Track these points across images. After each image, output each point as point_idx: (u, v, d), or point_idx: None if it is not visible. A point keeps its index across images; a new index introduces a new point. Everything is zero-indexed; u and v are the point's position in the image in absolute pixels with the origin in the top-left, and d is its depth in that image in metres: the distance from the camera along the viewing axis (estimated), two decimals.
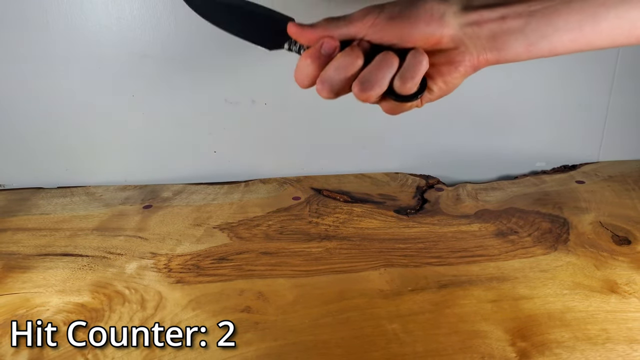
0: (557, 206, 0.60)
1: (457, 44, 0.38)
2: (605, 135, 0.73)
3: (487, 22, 0.37)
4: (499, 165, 0.73)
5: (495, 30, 0.37)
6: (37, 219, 0.61)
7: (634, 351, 0.38)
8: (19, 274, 0.50)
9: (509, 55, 0.38)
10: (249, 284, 0.48)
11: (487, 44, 0.37)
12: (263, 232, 0.57)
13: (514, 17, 0.37)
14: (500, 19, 0.37)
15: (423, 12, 0.37)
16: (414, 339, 0.40)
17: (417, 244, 0.54)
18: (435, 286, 0.47)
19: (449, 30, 0.37)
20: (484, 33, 0.37)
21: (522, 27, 0.37)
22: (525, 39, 0.37)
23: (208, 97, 0.66)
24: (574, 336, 0.40)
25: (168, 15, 0.60)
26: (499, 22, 0.37)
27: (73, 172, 0.70)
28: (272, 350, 0.40)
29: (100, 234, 0.57)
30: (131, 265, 0.51)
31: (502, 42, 0.37)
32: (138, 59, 0.62)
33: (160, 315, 0.44)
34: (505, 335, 0.41)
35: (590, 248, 0.52)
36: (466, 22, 0.37)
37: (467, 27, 0.37)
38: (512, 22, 0.37)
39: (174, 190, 0.68)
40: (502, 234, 0.55)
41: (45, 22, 0.59)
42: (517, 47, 0.37)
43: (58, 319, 0.43)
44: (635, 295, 0.45)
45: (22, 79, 0.63)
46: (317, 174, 0.72)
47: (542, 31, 0.37)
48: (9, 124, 0.66)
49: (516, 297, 0.45)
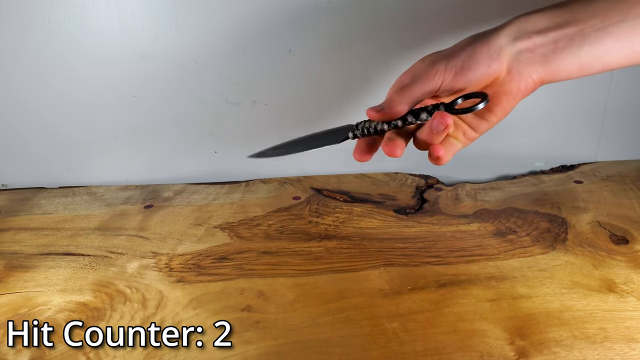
0: (556, 206, 0.60)
1: (512, 74, 0.38)
2: (603, 136, 0.73)
3: (540, 48, 0.37)
4: (498, 165, 0.73)
5: (547, 54, 0.37)
6: (39, 218, 0.61)
7: (632, 350, 0.38)
8: (21, 273, 0.50)
9: (562, 74, 0.38)
10: (250, 283, 0.48)
11: (540, 67, 0.38)
12: (263, 231, 0.57)
13: (565, 40, 0.37)
14: (552, 43, 0.37)
15: (482, 56, 0.38)
16: (413, 337, 0.40)
17: (417, 243, 0.54)
18: (435, 285, 0.47)
19: (504, 64, 0.38)
20: (536, 58, 0.38)
21: (575, 50, 0.37)
22: (578, 60, 0.37)
23: (209, 97, 0.66)
24: (572, 335, 0.40)
25: (169, 16, 0.60)
26: (551, 47, 0.37)
27: (75, 172, 0.70)
28: (273, 349, 0.40)
29: (102, 234, 0.57)
30: (132, 265, 0.51)
31: (556, 64, 0.37)
32: (139, 59, 0.62)
33: (162, 314, 0.44)
34: (504, 334, 0.41)
35: (588, 247, 0.52)
36: (520, 51, 0.38)
37: (521, 55, 0.38)
38: (564, 45, 0.37)
39: (175, 190, 0.68)
40: (500, 233, 0.55)
41: (47, 23, 0.59)
42: (570, 67, 0.37)
43: (60, 318, 0.43)
44: (633, 295, 0.45)
45: (24, 79, 0.63)
46: (317, 174, 0.72)
47: (594, 53, 0.37)
48: (11, 124, 0.66)
49: (515, 296, 0.45)
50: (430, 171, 0.72)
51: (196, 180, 0.70)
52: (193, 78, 0.64)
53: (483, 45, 0.38)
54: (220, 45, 0.62)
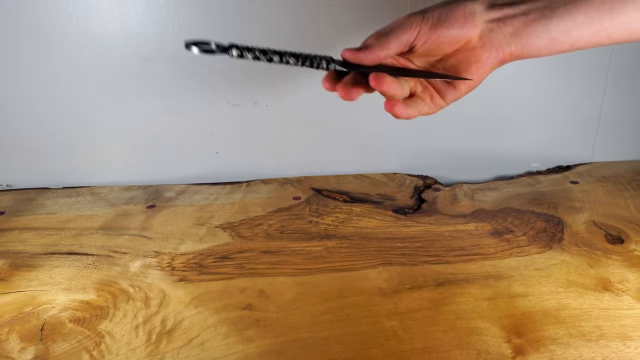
0: (552, 206, 0.60)
1: (484, 42, 0.39)
2: (599, 137, 0.73)
3: (511, 18, 0.38)
4: (495, 165, 0.73)
5: (519, 26, 0.38)
6: (43, 218, 0.61)
7: (627, 347, 0.39)
8: (25, 272, 0.50)
9: (532, 49, 0.38)
10: (251, 282, 0.48)
11: (512, 39, 0.38)
12: (264, 231, 0.57)
13: (536, 12, 0.37)
14: (523, 14, 0.38)
15: (457, 14, 0.38)
16: (411, 335, 0.40)
17: (415, 242, 0.54)
18: (433, 284, 0.47)
19: (477, 30, 0.38)
20: (507, 29, 0.38)
21: (544, 22, 0.37)
22: (548, 34, 0.37)
23: (211, 99, 0.66)
24: (568, 333, 0.40)
25: (172, 19, 0.60)
26: (522, 17, 0.38)
27: (78, 172, 0.70)
28: (273, 347, 0.40)
29: (105, 233, 0.57)
30: (135, 264, 0.51)
31: (526, 37, 0.38)
32: (142, 61, 0.62)
33: (164, 313, 0.44)
34: (501, 332, 0.41)
35: (584, 247, 0.52)
36: (491, 19, 0.38)
37: (492, 24, 0.38)
38: (535, 17, 0.37)
39: (177, 190, 0.68)
40: (498, 233, 0.55)
41: (51, 25, 0.59)
42: (540, 41, 0.38)
43: (64, 316, 0.43)
44: (628, 293, 0.45)
45: (28, 81, 0.63)
46: (317, 174, 0.72)
47: (564, 25, 0.37)
48: (15, 126, 0.66)
49: (512, 295, 0.45)
50: (429, 172, 0.72)
51: (198, 180, 0.70)
52: (195, 80, 0.64)
53: (459, 5, 0.38)
54: None
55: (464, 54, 0.39)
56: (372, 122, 0.69)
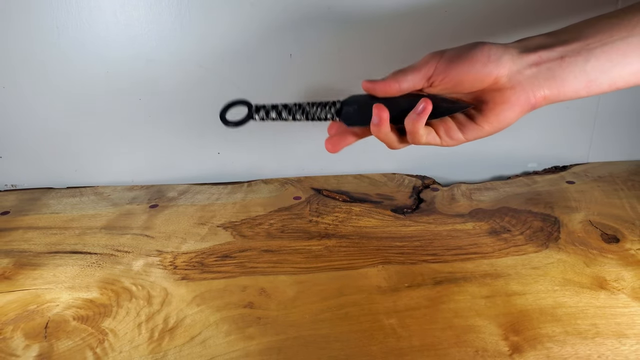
0: (549, 205, 0.60)
1: (514, 84, 0.37)
2: (595, 137, 0.73)
3: (546, 62, 0.37)
4: (492, 166, 0.73)
5: (555, 69, 0.36)
6: (48, 218, 0.61)
7: (622, 345, 0.39)
8: (30, 271, 0.50)
9: (569, 91, 0.37)
10: (252, 281, 0.48)
11: (546, 83, 0.37)
12: (265, 230, 0.57)
13: (572, 55, 0.36)
14: (559, 58, 0.36)
15: (480, 54, 0.37)
16: (410, 333, 0.40)
17: (414, 242, 0.54)
18: (431, 283, 0.47)
19: (505, 70, 0.37)
20: (542, 73, 0.37)
21: (581, 65, 0.36)
22: (585, 76, 0.36)
23: (212, 100, 0.65)
24: (564, 331, 0.40)
25: (173, 22, 0.60)
26: (558, 61, 0.36)
27: (82, 172, 0.70)
28: (274, 345, 0.40)
29: (108, 233, 0.57)
30: (138, 263, 0.51)
31: (562, 81, 0.36)
32: (145, 63, 0.62)
33: (166, 311, 0.44)
34: (498, 329, 0.41)
35: (580, 246, 0.52)
36: (525, 64, 0.37)
37: (526, 69, 0.37)
38: (571, 61, 0.36)
39: (179, 190, 0.68)
40: (495, 232, 0.55)
41: (55, 28, 0.59)
42: (577, 84, 0.37)
43: (68, 314, 0.43)
44: (623, 292, 0.45)
45: (32, 82, 0.63)
46: (317, 174, 0.72)
47: (601, 67, 0.36)
48: (20, 127, 0.66)
49: (509, 293, 0.45)
50: (427, 172, 0.72)
51: (200, 180, 0.70)
52: (197, 81, 0.64)
53: (484, 47, 0.38)
54: (223, 50, 0.62)
55: (491, 94, 0.38)
56: None
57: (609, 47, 0.36)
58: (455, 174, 0.72)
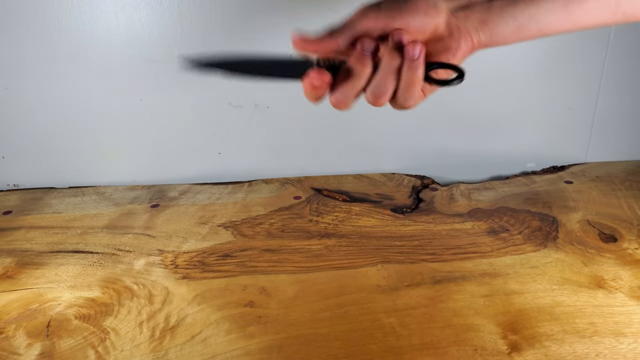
0: (547, 205, 0.60)
1: (452, 30, 0.37)
2: (593, 138, 0.73)
3: (476, 4, 0.37)
4: (491, 166, 0.73)
5: (485, 13, 0.37)
6: (50, 217, 0.61)
7: (620, 344, 0.39)
8: (32, 270, 0.50)
9: (500, 36, 0.37)
10: (252, 280, 0.48)
11: (479, 27, 0.37)
12: (265, 230, 0.57)
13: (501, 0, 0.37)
14: (488, 1, 0.37)
15: (419, 2, 0.36)
16: (409, 332, 0.40)
17: (413, 241, 0.54)
18: (430, 282, 0.47)
19: (443, 17, 0.37)
20: (474, 16, 0.37)
21: (510, 9, 0.36)
22: (514, 21, 0.37)
23: (213, 100, 0.66)
24: (562, 329, 0.40)
25: (174, 23, 0.60)
26: (486, 4, 0.37)
27: (84, 172, 0.70)
28: (274, 343, 0.40)
29: (110, 232, 0.57)
30: (139, 262, 0.51)
31: (493, 24, 0.37)
32: (146, 64, 0.62)
33: (167, 310, 0.44)
34: (497, 328, 0.41)
35: (578, 245, 0.52)
36: (456, 7, 0.37)
37: (458, 12, 0.37)
38: (500, 4, 0.36)
39: (181, 190, 0.68)
40: (494, 231, 0.55)
41: (58, 29, 0.59)
42: (507, 28, 0.37)
43: (69, 313, 0.43)
44: (621, 291, 0.45)
45: (35, 83, 0.63)
46: (317, 174, 0.72)
47: (530, 12, 0.36)
48: (23, 127, 0.66)
49: (507, 292, 0.45)
50: (426, 172, 0.72)
51: (201, 180, 0.70)
52: (197, 82, 0.64)
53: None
54: (223, 51, 0.62)
55: (432, 45, 0.38)
56: (371, 123, 0.69)
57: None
58: (454, 174, 0.72)
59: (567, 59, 0.67)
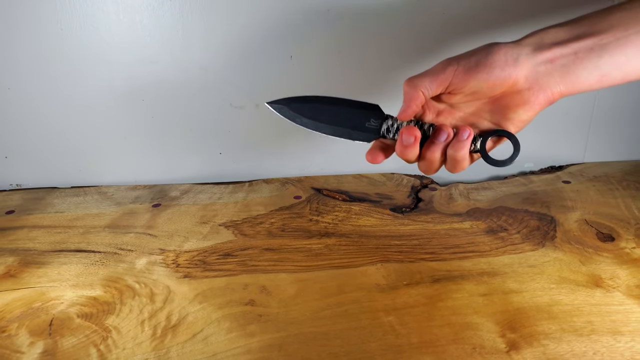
0: (545, 205, 0.61)
1: (531, 84, 0.37)
2: (590, 138, 0.73)
3: (560, 58, 0.36)
4: (489, 166, 0.73)
5: (569, 66, 0.36)
6: (52, 217, 0.61)
7: (617, 342, 0.39)
8: (34, 269, 0.50)
9: (583, 87, 0.37)
10: (253, 279, 0.48)
11: (561, 79, 0.36)
12: (266, 229, 0.57)
13: (586, 51, 0.36)
14: (573, 54, 0.36)
15: (497, 58, 0.36)
16: (409, 330, 0.40)
17: (412, 240, 0.54)
18: (429, 281, 0.47)
19: (523, 71, 0.36)
20: (557, 70, 0.36)
21: (594, 61, 0.36)
22: (598, 71, 0.36)
23: (214, 101, 0.66)
24: (560, 328, 0.40)
25: (176, 24, 0.60)
26: (571, 57, 0.36)
27: (86, 172, 0.70)
28: (275, 341, 0.40)
29: (112, 231, 0.57)
30: (141, 261, 0.51)
31: (576, 77, 0.36)
32: (147, 65, 0.62)
33: (169, 308, 0.44)
34: (495, 327, 0.41)
35: (576, 244, 0.52)
36: (540, 62, 0.37)
37: (540, 66, 0.37)
38: (584, 56, 0.36)
39: (182, 189, 0.68)
40: (492, 231, 0.55)
41: (60, 30, 0.59)
42: (590, 79, 0.36)
43: (72, 312, 0.43)
44: (618, 290, 0.45)
45: (37, 84, 0.63)
46: (317, 174, 0.72)
47: (615, 62, 0.36)
48: (25, 127, 0.66)
49: (506, 291, 0.45)
50: None
51: (202, 180, 0.70)
52: (199, 83, 0.64)
53: (500, 49, 0.37)
54: (224, 52, 0.62)
55: (511, 97, 0.38)
56: None
57: (622, 42, 0.35)
58: (453, 173, 0.72)
59: None
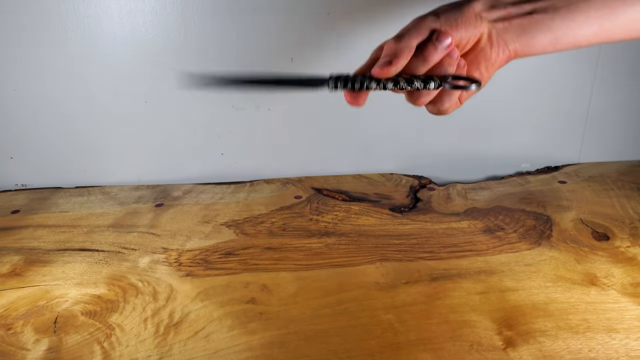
0: (541, 205, 0.60)
1: (492, 41, 0.38)
2: (586, 139, 0.73)
3: (515, 17, 0.37)
4: (487, 166, 0.73)
5: (524, 25, 0.37)
6: (57, 216, 0.61)
7: (612, 339, 0.39)
8: (39, 267, 0.50)
9: (536, 47, 0.38)
10: (254, 277, 0.48)
11: (517, 38, 0.37)
12: (267, 228, 0.57)
13: (540, 12, 0.37)
14: (528, 14, 0.37)
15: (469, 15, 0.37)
16: (407, 328, 0.40)
17: (411, 239, 0.54)
18: (427, 279, 0.47)
19: (485, 27, 0.37)
20: (514, 28, 0.37)
21: (548, 22, 0.37)
22: (551, 33, 0.37)
23: (216, 102, 0.66)
24: (556, 326, 0.40)
25: (178, 27, 0.60)
26: (526, 17, 0.37)
27: (90, 172, 0.70)
28: (275, 339, 0.40)
29: (115, 231, 0.57)
30: (144, 260, 0.51)
31: (531, 36, 0.37)
32: (150, 66, 0.62)
33: (171, 306, 0.44)
34: (492, 324, 0.41)
35: (571, 244, 0.52)
36: (496, 18, 0.37)
37: (497, 23, 0.37)
38: (539, 18, 0.37)
39: (184, 189, 0.68)
40: (489, 230, 0.55)
41: (64, 32, 0.59)
42: (544, 40, 0.37)
43: (76, 310, 0.43)
44: (613, 288, 0.45)
45: (42, 85, 0.63)
46: (317, 174, 0.72)
47: (566, 26, 0.37)
48: (30, 128, 0.66)
49: (503, 290, 0.45)
50: (424, 172, 0.72)
51: (204, 180, 0.70)
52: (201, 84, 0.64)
53: (469, 6, 0.37)
54: (226, 54, 0.62)
55: (474, 54, 0.38)
56: (370, 124, 0.69)
57: (573, 8, 0.37)
58: (451, 174, 0.72)
59: (560, 60, 0.67)
